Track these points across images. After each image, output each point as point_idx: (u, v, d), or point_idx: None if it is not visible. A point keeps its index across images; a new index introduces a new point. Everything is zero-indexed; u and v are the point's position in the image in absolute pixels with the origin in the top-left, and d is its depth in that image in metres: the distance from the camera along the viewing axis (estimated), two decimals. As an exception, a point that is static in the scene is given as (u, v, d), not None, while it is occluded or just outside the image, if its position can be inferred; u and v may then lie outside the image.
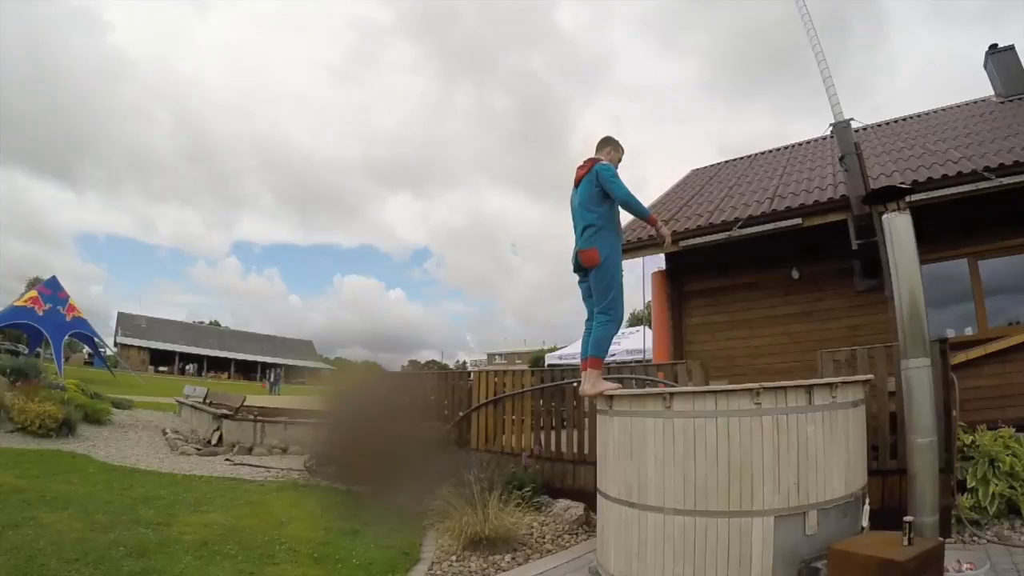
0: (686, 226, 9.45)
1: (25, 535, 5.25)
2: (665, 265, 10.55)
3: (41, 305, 26.14)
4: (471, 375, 9.70)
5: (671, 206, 11.08)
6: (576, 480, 7.27)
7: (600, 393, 4.74)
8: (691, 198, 11.22)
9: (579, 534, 6.08)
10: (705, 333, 9.95)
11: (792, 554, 3.60)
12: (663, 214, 10.61)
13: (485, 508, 5.67)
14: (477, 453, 8.11)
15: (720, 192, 11.01)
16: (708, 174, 13.36)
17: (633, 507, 4.12)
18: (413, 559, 5.46)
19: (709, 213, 9.62)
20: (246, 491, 8.20)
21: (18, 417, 11.13)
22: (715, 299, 9.95)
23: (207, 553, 5.32)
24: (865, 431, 4.34)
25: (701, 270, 10.08)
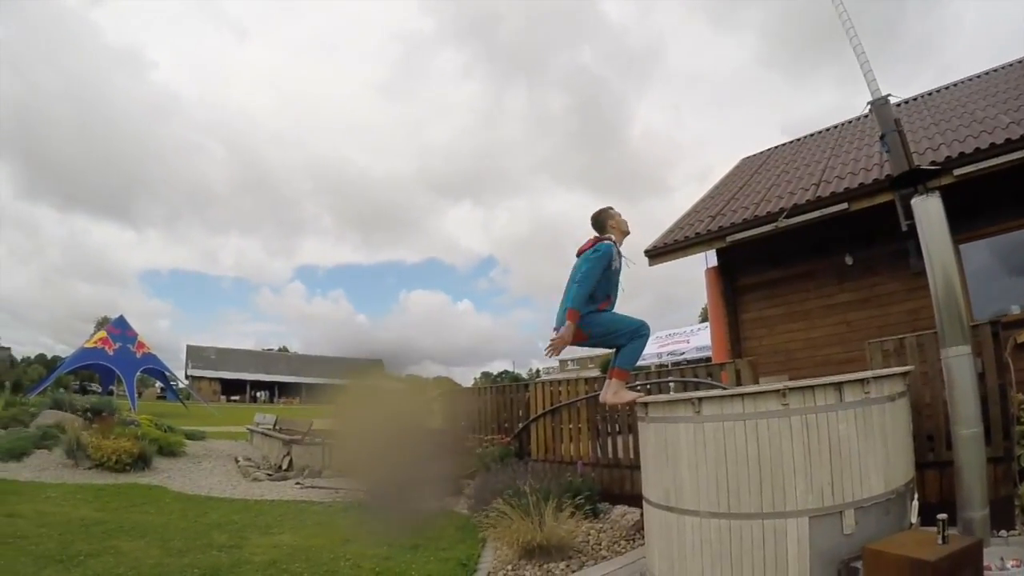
0: (732, 220, 9.32)
1: (106, 562, 5.57)
2: (717, 261, 10.41)
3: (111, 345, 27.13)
4: (528, 387, 9.79)
5: (719, 200, 10.91)
6: (634, 486, 7.25)
7: (623, 403, 4.75)
8: (739, 189, 11.00)
9: (635, 540, 6.06)
10: (762, 328, 9.75)
11: (830, 554, 3.56)
12: (711, 208, 10.47)
13: (541, 517, 5.72)
14: (537, 463, 8.22)
15: (768, 181, 10.77)
16: (757, 162, 13.08)
17: (671, 511, 4.14)
18: (470, 569, 5.59)
19: (756, 204, 9.43)
20: (314, 512, 8.44)
21: (95, 454, 11.64)
22: (770, 292, 9.73)
23: (276, 572, 5.55)
24: (908, 424, 4.26)
25: (753, 263, 9.88)
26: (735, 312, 10.08)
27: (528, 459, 8.64)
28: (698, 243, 9.58)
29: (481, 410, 10.67)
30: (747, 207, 9.57)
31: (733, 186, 11.59)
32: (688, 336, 24.87)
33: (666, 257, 10.07)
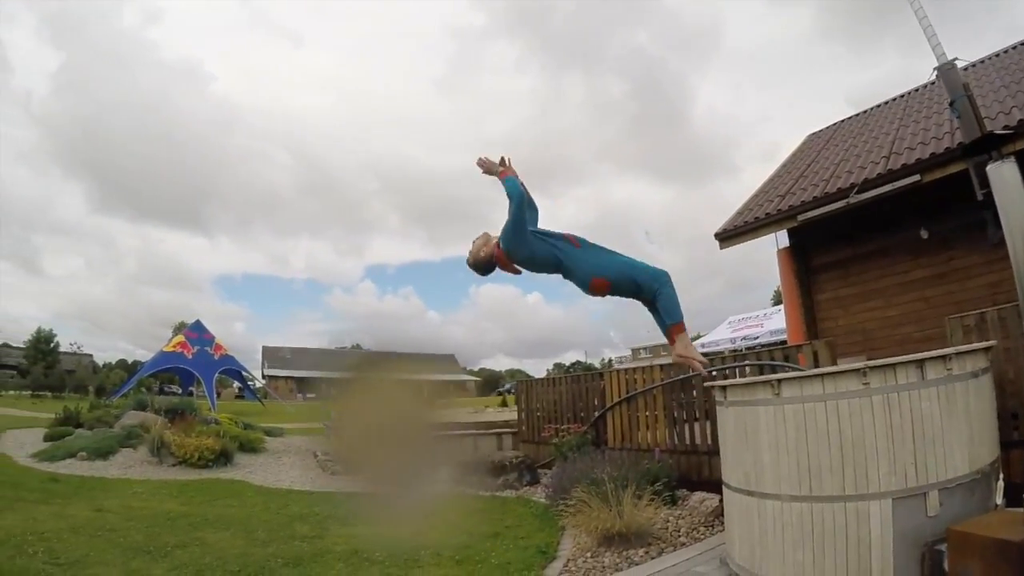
0: (803, 199, 9.09)
1: (193, 553, 5.82)
2: (789, 241, 10.18)
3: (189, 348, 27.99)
4: (603, 376, 9.79)
5: (788, 178, 10.65)
6: (712, 472, 7.21)
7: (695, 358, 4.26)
8: (807, 167, 10.71)
9: (714, 526, 6.04)
10: (837, 308, 9.49)
11: (914, 536, 3.52)
12: (780, 188, 10.27)
13: (619, 504, 5.73)
14: (613, 451, 8.15)
15: (836, 156, 10.42)
16: (824, 137, 12.70)
17: (752, 495, 4.13)
18: (550, 557, 5.63)
19: (825, 182, 9.15)
20: (391, 504, 8.57)
21: (178, 451, 12.15)
22: (844, 271, 9.44)
23: (357, 560, 5.70)
24: (992, 402, 4.16)
25: (826, 242, 9.61)
26: (809, 293, 9.86)
27: (604, 447, 8.62)
28: (768, 224, 9.41)
29: (557, 400, 10.71)
30: (817, 184, 9.34)
31: (801, 164, 11.31)
32: (761, 320, 24.39)
33: (737, 240, 9.92)
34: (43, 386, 50.68)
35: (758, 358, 7.56)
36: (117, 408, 18.96)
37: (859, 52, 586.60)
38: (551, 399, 10.91)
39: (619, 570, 5.13)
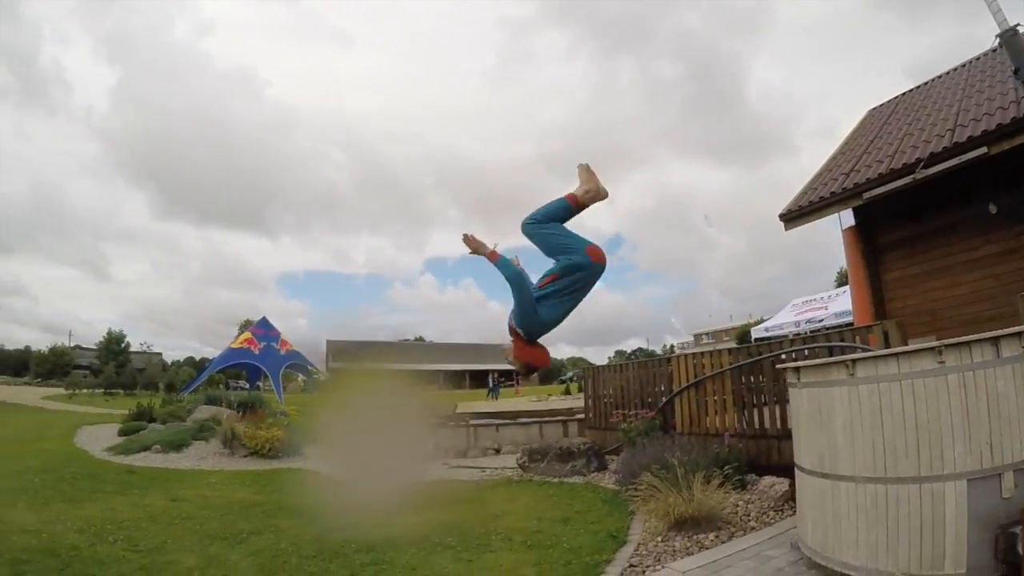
0: (867, 176, 8.81)
1: (268, 539, 6.05)
2: (854, 219, 9.94)
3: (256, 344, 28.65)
4: (670, 361, 9.77)
5: (851, 156, 10.36)
6: (781, 456, 7.16)
7: None
8: (870, 143, 10.38)
9: (784, 510, 6.02)
10: (905, 287, 9.21)
11: (988, 518, 3.47)
12: (843, 165, 10.01)
13: (689, 489, 5.75)
14: (682, 437, 8.15)
15: (899, 131, 10.08)
16: (885, 112, 12.32)
17: (826, 478, 4.12)
18: (620, 541, 5.67)
19: (890, 157, 8.86)
20: (463, 490, 8.76)
21: (249, 443, 12.60)
22: (911, 249, 9.14)
23: (429, 545, 5.83)
24: (1071, 379, 4.07)
25: (892, 219, 9.32)
26: (876, 273, 9.60)
27: (673, 432, 8.61)
28: (833, 203, 9.19)
29: (624, 386, 10.72)
30: (881, 161, 9.07)
31: (864, 140, 11.00)
32: (826, 302, 23.84)
33: (802, 220, 9.73)
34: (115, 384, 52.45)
35: (827, 340, 7.47)
36: (188, 403, 19.59)
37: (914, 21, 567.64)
38: (618, 385, 10.92)
39: (690, 554, 5.14)
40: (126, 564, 5.33)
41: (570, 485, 8.53)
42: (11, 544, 5.73)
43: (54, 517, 6.90)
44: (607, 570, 4.89)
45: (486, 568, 5.14)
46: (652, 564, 4.95)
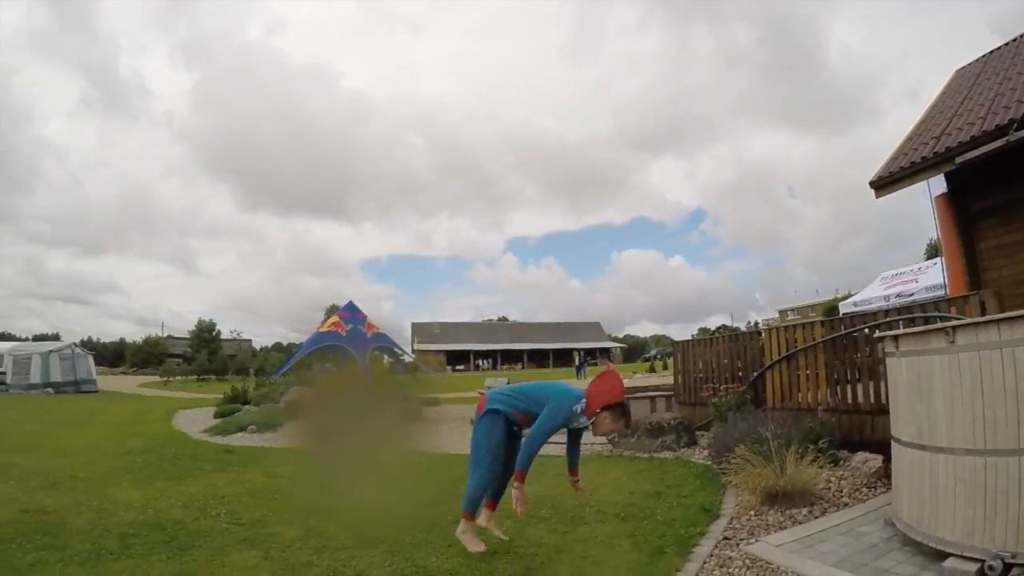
0: (959, 139, 8.38)
1: (364, 512, 6.28)
2: (946, 186, 9.60)
3: (343, 327, 29.31)
4: (761, 334, 9.71)
5: (940, 119, 9.93)
6: (874, 431, 7.09)
7: None
8: (959, 105, 9.90)
9: (877, 487, 5.98)
10: (1001, 257, 8.73)
11: (1090, 492, 3.41)
12: (933, 129, 9.65)
13: (782, 463, 5.75)
14: (773, 411, 8.09)
15: (989, 91, 9.57)
16: (973, 72, 11.74)
17: (924, 450, 4.06)
18: (713, 515, 5.72)
19: (981, 119, 8.41)
20: (554, 465, 8.86)
21: None
22: (1007, 216, 8.63)
23: (524, 518, 5.97)
24: None
25: (986, 185, 8.82)
26: (970, 241, 9.19)
27: (764, 407, 8.57)
28: (924, 168, 8.83)
29: (714, 360, 10.74)
30: (972, 123, 8.66)
31: (952, 102, 10.54)
32: (916, 275, 23.01)
33: (892, 187, 9.43)
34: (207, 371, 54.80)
35: (922, 311, 7.30)
36: (281, 386, 20.35)
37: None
38: (708, 359, 10.93)
39: (783, 528, 5.16)
40: (229, 536, 5.68)
41: (660, 460, 8.60)
42: (119, 520, 6.19)
43: (158, 494, 7.41)
44: (701, 542, 4.95)
45: (581, 539, 5.27)
46: (746, 537, 4.99)
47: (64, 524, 6.03)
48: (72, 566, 4.81)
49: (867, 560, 4.15)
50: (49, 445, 11.73)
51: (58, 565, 4.82)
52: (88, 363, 36.81)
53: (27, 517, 6.29)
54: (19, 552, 5.12)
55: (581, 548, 5.02)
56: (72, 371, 34.57)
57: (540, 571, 4.55)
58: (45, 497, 7.22)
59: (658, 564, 4.49)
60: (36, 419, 17.30)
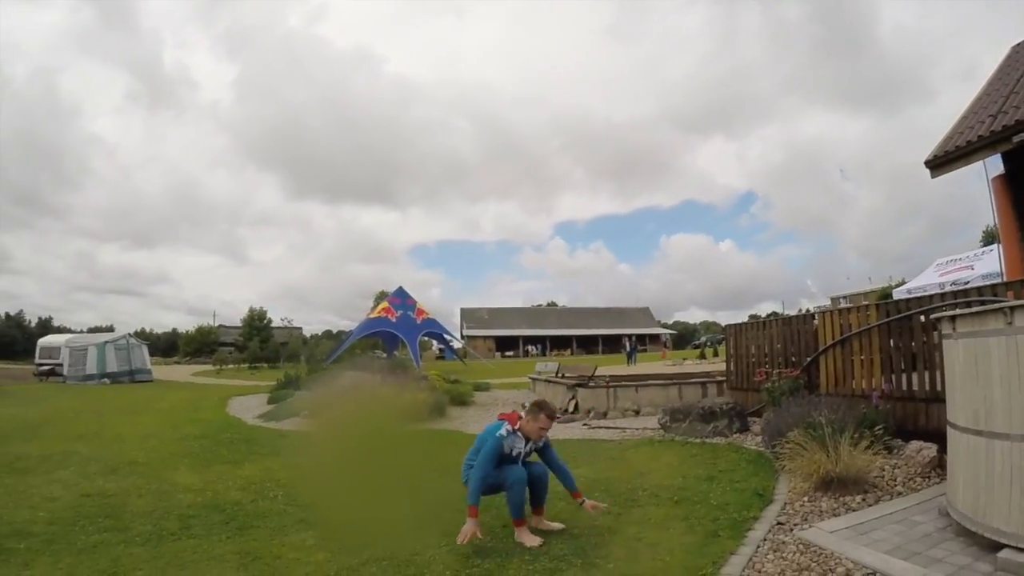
0: (1016, 117, 8.15)
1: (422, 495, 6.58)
2: (1004, 167, 9.35)
3: (393, 313, 29.79)
4: (815, 318, 9.64)
5: (997, 96, 9.62)
6: (929, 420, 7.03)
7: None
8: (1017, 82, 9.61)
9: (931, 477, 5.96)
10: None
11: None
12: (989, 107, 9.41)
13: (836, 449, 5.76)
14: (827, 397, 7.94)
15: None
16: None
17: (980, 435, 4.01)
18: (766, 500, 5.78)
19: None
20: (606, 449, 9.01)
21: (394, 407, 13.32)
22: None
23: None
24: None
25: None
26: None
27: (818, 393, 8.50)
28: (981, 147, 8.57)
29: (767, 344, 10.69)
30: None
31: (1009, 79, 10.22)
32: (971, 262, 22.38)
33: (948, 167, 9.18)
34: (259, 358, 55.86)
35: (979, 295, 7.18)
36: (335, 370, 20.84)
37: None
38: (761, 343, 10.88)
39: (836, 515, 5.18)
40: (287, 517, 5.93)
41: (712, 445, 8.66)
42: (179, 501, 6.51)
43: (215, 477, 7.75)
44: (755, 527, 5.02)
45: (635, 521, 5.38)
46: (799, 523, 5.04)
47: (125, 507, 6.38)
48: (134, 546, 5.09)
49: (920, 549, 4.17)
50: (107, 433, 12.24)
51: (120, 546, 5.11)
52: (143, 353, 37.88)
53: (88, 501, 6.66)
54: (82, 534, 5.44)
55: (635, 530, 5.13)
56: (127, 361, 35.60)
57: (595, 552, 4.66)
58: (105, 482, 7.61)
59: (712, 547, 4.58)
60: (94, 408, 17.96)
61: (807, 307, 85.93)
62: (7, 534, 5.41)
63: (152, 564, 4.69)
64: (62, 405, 19.28)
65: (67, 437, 11.57)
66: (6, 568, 4.64)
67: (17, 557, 4.85)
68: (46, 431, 12.58)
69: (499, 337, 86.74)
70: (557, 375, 17.27)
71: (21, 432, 12.41)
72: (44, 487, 7.32)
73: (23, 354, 63.13)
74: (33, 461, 8.98)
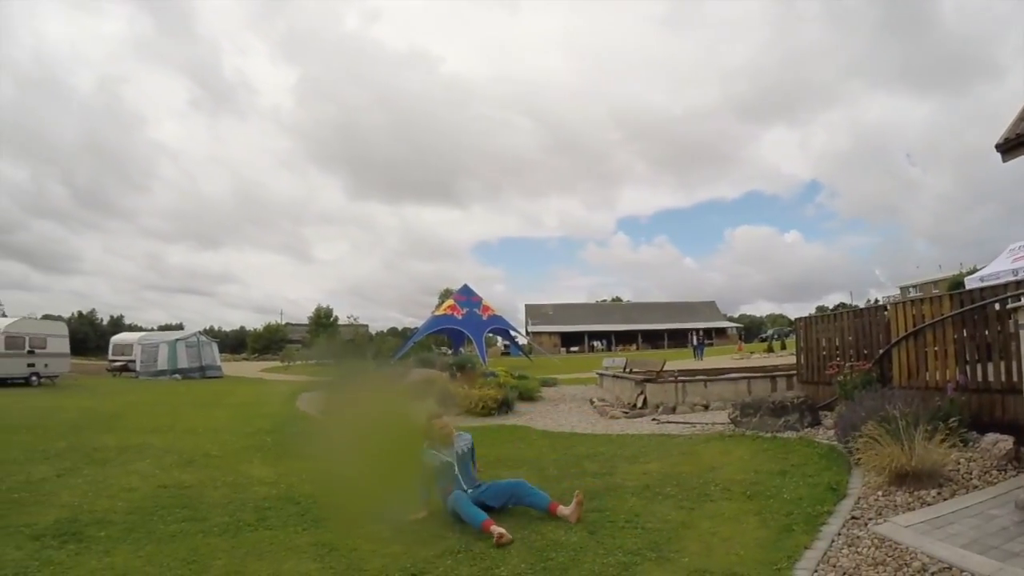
0: None
1: None
2: None
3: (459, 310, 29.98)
4: (887, 309, 9.54)
5: None
6: (1005, 412, 6.94)
7: None
8: None
9: (1007, 470, 5.87)
10: None
11: None
12: None
13: (910, 443, 5.71)
14: (900, 390, 7.88)
15: None
16: None
17: None
18: (840, 494, 5.77)
19: None
20: (676, 444, 9.07)
21: (463, 402, 13.88)
22: None
23: (650, 495, 6.25)
24: None
25: None
26: None
27: (890, 385, 8.43)
28: None
29: (838, 337, 10.59)
30: None
31: None
32: (1018, 254, 21.73)
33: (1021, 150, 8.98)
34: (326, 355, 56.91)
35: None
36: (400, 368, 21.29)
37: None
38: (832, 336, 10.79)
39: (911, 509, 5.15)
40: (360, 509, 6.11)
41: (783, 440, 8.62)
42: (254, 494, 6.78)
43: (287, 470, 8.05)
44: (829, 521, 5.04)
45: (708, 516, 5.45)
46: (874, 517, 5.04)
47: (201, 498, 6.69)
48: (212, 536, 5.34)
49: (997, 543, 4.16)
50: (180, 426, 12.79)
51: (199, 536, 5.36)
52: (213, 350, 39.37)
53: (165, 492, 7.00)
54: (161, 523, 5.73)
55: (709, 524, 5.21)
56: (198, 358, 37.21)
57: (668, 545, 4.75)
58: (181, 473, 7.99)
59: (786, 541, 4.64)
60: (166, 402, 18.76)
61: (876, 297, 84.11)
62: (88, 522, 5.71)
63: (230, 554, 4.89)
64: (135, 399, 20.18)
65: (142, 430, 12.13)
66: (88, 555, 4.87)
67: (98, 545, 5.11)
68: (121, 424, 13.23)
69: (564, 333, 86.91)
70: (625, 370, 17.33)
71: (98, 424, 13.10)
72: (122, 478, 7.70)
73: (95, 350, 65.38)
74: (111, 452, 9.43)
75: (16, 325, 27.62)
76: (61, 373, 29.32)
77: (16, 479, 7.52)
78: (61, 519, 5.79)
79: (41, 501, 6.51)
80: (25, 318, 31.75)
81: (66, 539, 5.22)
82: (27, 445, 10.02)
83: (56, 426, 12.64)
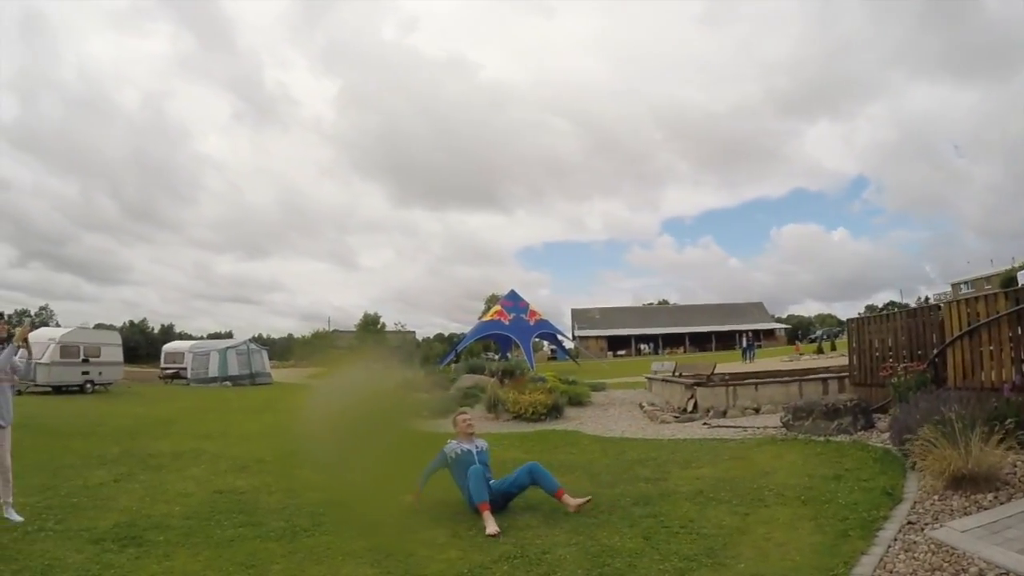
0: None
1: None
2: None
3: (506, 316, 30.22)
4: (940, 308, 9.44)
5: None
6: (1063, 412, 6.83)
7: None
8: None
9: (1067, 473, 5.77)
10: None
11: None
12: None
13: (967, 446, 5.65)
14: (956, 391, 7.75)
15: None
16: None
17: None
18: (896, 498, 5.76)
19: None
20: (728, 448, 9.07)
21: (513, 407, 14.04)
22: None
23: (703, 500, 6.29)
24: None
25: None
26: None
27: (945, 386, 8.32)
28: None
29: (891, 338, 10.47)
30: None
31: None
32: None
33: None
34: (374, 361, 57.68)
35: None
36: (451, 374, 21.50)
37: None
38: (884, 337, 10.67)
39: (967, 514, 5.11)
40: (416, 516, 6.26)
41: (837, 443, 8.58)
42: (308, 499, 6.91)
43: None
44: (885, 526, 5.04)
45: (763, 521, 5.48)
46: (930, 522, 5.01)
47: (257, 503, 6.86)
48: (269, 541, 5.47)
49: (1057, 548, 4.12)
50: (232, 432, 13.16)
51: (256, 540, 5.50)
52: (262, 357, 40.27)
53: (221, 497, 7.19)
54: (218, 528, 5.88)
55: (764, 530, 5.24)
56: (248, 365, 38.14)
57: (723, 551, 4.79)
58: (235, 479, 8.20)
59: (842, 547, 4.66)
60: (218, 409, 19.21)
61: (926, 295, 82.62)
62: (146, 527, 5.85)
63: (288, 559, 5.00)
64: (187, 405, 20.69)
65: (195, 435, 12.45)
66: (148, 559, 5.00)
67: (157, 549, 5.24)
68: (175, 429, 13.59)
69: (611, 337, 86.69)
70: (675, 374, 17.31)
71: (151, 430, 13.46)
72: (178, 483, 7.93)
73: (147, 358, 66.79)
74: (166, 458, 9.71)
75: (71, 334, 28.36)
76: (114, 381, 30.07)
77: (74, 484, 7.78)
78: (120, 523, 5.96)
79: (99, 506, 6.71)
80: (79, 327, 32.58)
81: (125, 543, 5.36)
82: (83, 451, 10.36)
83: (111, 432, 13.04)
